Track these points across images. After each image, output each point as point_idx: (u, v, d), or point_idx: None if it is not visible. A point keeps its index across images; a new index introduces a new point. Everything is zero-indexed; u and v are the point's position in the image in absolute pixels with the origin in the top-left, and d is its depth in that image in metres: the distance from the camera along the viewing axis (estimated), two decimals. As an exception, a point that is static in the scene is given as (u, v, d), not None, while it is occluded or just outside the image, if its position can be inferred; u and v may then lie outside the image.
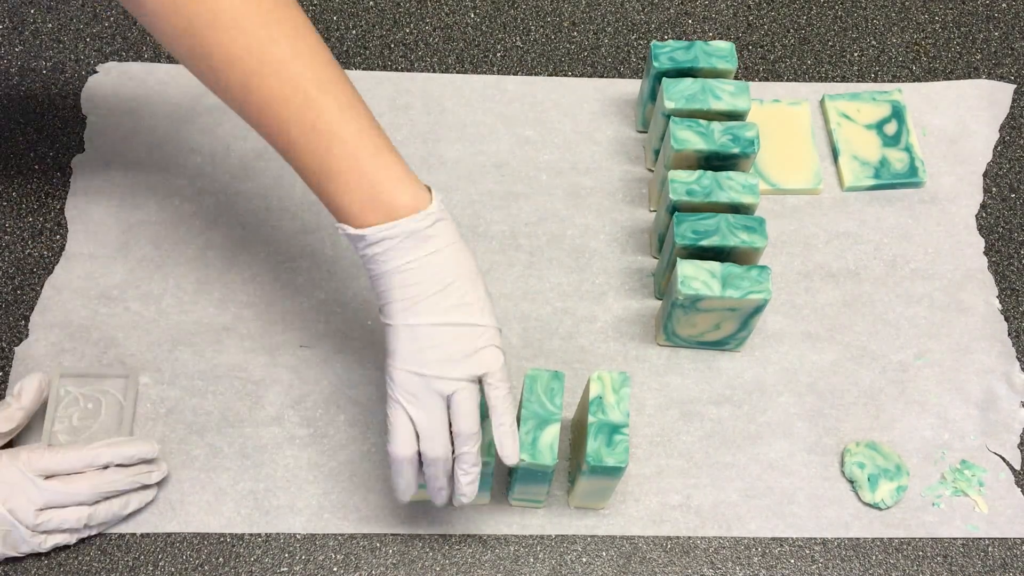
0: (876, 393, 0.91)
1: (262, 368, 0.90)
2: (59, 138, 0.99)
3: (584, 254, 0.96)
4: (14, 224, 0.95)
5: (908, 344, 0.94)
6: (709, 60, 0.94)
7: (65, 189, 0.96)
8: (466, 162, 1.00)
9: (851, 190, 1.00)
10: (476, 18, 1.09)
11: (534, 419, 0.77)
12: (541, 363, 0.91)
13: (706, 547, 0.85)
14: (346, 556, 0.83)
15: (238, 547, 0.83)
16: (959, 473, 0.88)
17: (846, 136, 1.02)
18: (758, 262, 0.89)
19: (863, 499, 0.87)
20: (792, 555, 0.85)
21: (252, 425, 0.87)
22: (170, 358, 0.90)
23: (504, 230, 0.97)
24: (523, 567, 0.84)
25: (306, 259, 0.95)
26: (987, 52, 1.09)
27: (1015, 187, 1.02)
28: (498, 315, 0.92)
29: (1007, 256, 0.98)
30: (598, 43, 1.08)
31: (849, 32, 1.10)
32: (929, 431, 0.90)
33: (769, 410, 0.90)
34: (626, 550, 0.85)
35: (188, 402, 0.88)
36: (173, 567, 0.82)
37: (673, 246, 0.87)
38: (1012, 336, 0.94)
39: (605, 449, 0.77)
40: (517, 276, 0.95)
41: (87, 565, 0.82)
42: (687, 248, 0.86)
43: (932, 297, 0.96)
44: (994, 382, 0.92)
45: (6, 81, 1.02)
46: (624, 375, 0.79)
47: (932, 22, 1.11)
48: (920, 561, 0.85)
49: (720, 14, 1.10)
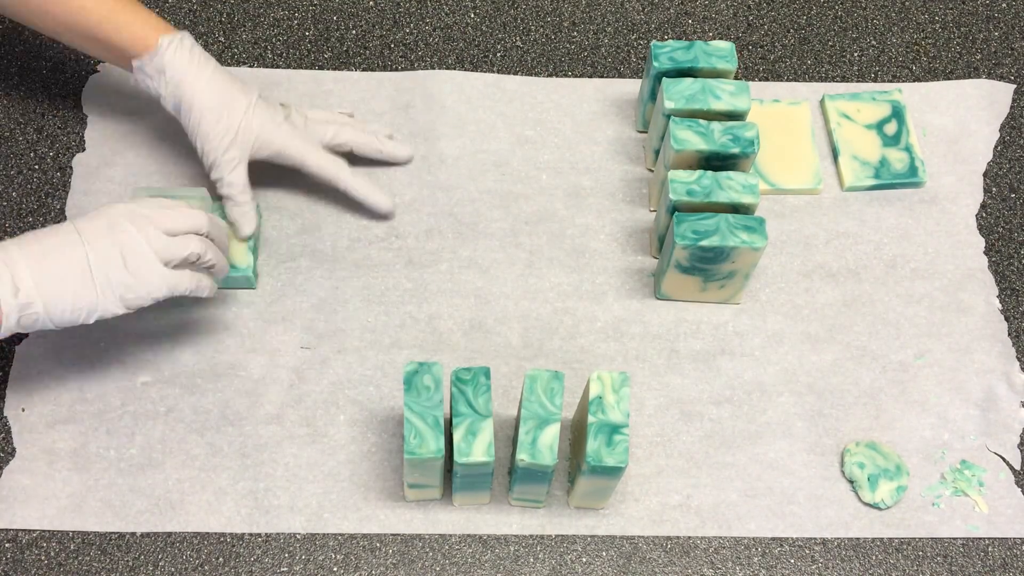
0: (876, 393, 0.91)
1: (262, 367, 0.90)
2: (59, 138, 0.99)
3: (584, 254, 0.96)
4: (14, 224, 0.95)
5: (908, 344, 0.94)
6: (709, 60, 0.94)
7: (65, 189, 0.96)
8: (466, 161, 1.00)
9: (851, 190, 1.00)
10: (476, 18, 1.09)
11: (534, 419, 0.77)
12: (541, 363, 0.91)
13: (706, 547, 0.85)
14: (346, 556, 0.83)
15: (238, 547, 0.83)
16: (959, 473, 0.88)
17: (846, 136, 1.02)
18: (757, 262, 0.89)
19: (863, 499, 0.87)
20: (792, 555, 0.85)
21: (252, 424, 0.87)
22: (170, 357, 0.90)
23: (504, 229, 0.97)
24: (523, 567, 0.84)
25: (306, 259, 0.95)
26: (987, 52, 1.09)
27: (1015, 187, 1.02)
28: (499, 315, 0.93)
29: (1007, 256, 0.98)
30: (598, 43, 1.08)
31: (849, 32, 1.10)
32: (929, 431, 0.90)
33: (769, 410, 0.90)
34: (626, 550, 0.85)
35: (188, 401, 0.88)
36: (173, 567, 0.82)
37: (673, 246, 0.87)
38: (1012, 336, 0.94)
39: (605, 449, 0.77)
40: (517, 276, 0.95)
41: (87, 565, 0.82)
42: (687, 248, 0.86)
43: (932, 297, 0.96)
44: (994, 382, 0.92)
45: (6, 81, 1.02)
46: (624, 375, 0.79)
47: (932, 22, 1.11)
48: (920, 561, 0.85)
49: (720, 14, 1.10)
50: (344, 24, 1.07)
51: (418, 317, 0.92)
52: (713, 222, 0.87)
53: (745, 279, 0.91)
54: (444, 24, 1.08)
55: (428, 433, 0.77)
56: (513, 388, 0.90)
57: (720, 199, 0.88)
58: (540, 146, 1.01)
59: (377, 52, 1.06)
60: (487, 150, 1.01)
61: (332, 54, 1.05)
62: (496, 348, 0.92)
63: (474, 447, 0.76)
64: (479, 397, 0.78)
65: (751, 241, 0.86)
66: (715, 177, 0.88)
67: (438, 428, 0.77)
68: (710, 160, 0.91)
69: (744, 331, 0.93)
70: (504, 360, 0.91)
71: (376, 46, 1.06)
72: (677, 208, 0.88)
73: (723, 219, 0.87)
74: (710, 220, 0.87)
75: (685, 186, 0.88)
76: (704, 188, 0.88)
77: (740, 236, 0.86)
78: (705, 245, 0.86)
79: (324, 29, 1.07)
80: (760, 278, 0.96)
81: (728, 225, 0.86)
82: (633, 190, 1.00)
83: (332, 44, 1.06)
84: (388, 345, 0.91)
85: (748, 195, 0.88)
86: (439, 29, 1.08)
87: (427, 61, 1.06)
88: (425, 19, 1.08)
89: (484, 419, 0.77)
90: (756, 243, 0.86)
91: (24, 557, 0.82)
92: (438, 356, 0.91)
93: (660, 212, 0.92)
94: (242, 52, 1.05)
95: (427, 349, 0.91)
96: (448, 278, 0.94)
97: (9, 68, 1.02)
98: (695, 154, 0.90)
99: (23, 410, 0.87)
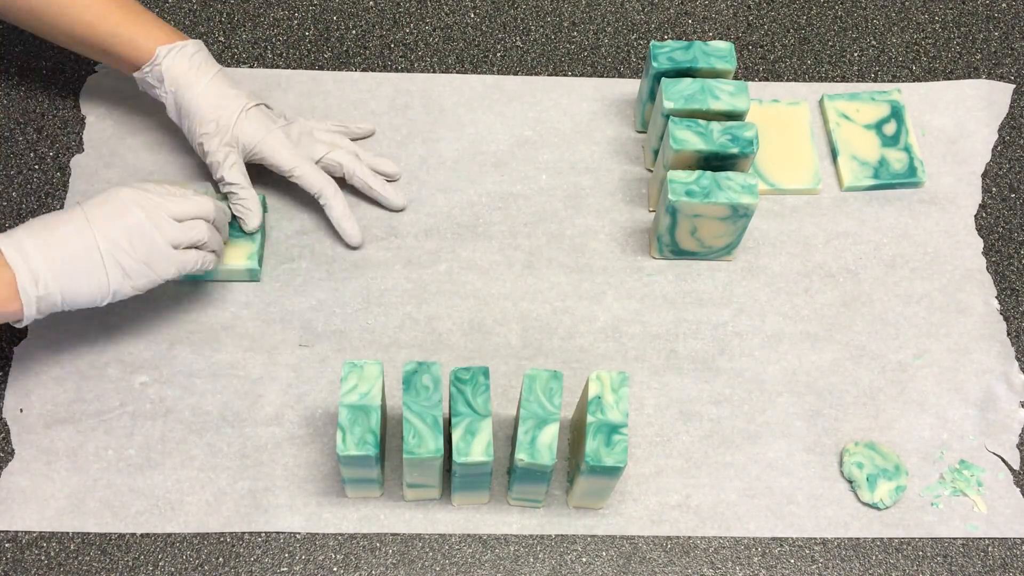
0: (875, 393, 0.91)
1: (261, 367, 0.90)
2: (59, 138, 0.99)
3: (583, 254, 0.96)
4: (14, 224, 0.95)
5: (907, 344, 0.94)
6: (708, 60, 0.94)
7: (65, 189, 0.96)
8: (465, 162, 1.00)
9: (850, 190, 1.00)
10: (476, 18, 1.09)
11: (533, 419, 0.77)
12: (540, 363, 0.91)
13: (706, 547, 0.85)
14: (346, 556, 0.84)
15: (238, 547, 0.83)
16: (958, 473, 0.88)
17: (845, 136, 1.02)
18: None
19: (862, 499, 0.87)
20: (792, 555, 0.85)
21: (251, 424, 0.87)
22: (168, 357, 0.90)
23: (503, 230, 0.97)
24: (523, 567, 0.84)
25: (305, 259, 0.95)
26: (987, 52, 1.09)
27: (1014, 187, 1.02)
28: (498, 315, 0.93)
29: (1006, 256, 0.98)
30: (598, 43, 1.08)
31: (849, 32, 1.10)
32: (928, 431, 0.90)
33: (768, 410, 0.90)
34: (626, 550, 0.85)
35: (187, 401, 0.88)
36: (173, 567, 0.82)
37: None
38: (1011, 336, 0.94)
39: (604, 449, 0.77)
40: (516, 276, 0.95)
41: (87, 565, 0.82)
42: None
43: (931, 297, 0.96)
44: (993, 382, 0.92)
45: (6, 81, 1.02)
46: (623, 375, 0.79)
47: (932, 22, 1.11)
48: (920, 561, 0.85)
49: (720, 14, 1.10)
50: (344, 24, 1.07)
51: (417, 317, 0.93)
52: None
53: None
54: (444, 24, 1.08)
55: (427, 433, 0.77)
56: (512, 388, 0.90)
57: (719, 200, 0.88)
58: (539, 146, 1.01)
59: (377, 52, 1.06)
60: (486, 151, 1.01)
61: (332, 54, 1.05)
62: (495, 348, 0.92)
63: (473, 447, 0.76)
64: (478, 397, 0.78)
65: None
66: (714, 177, 0.89)
67: (437, 428, 0.77)
68: (709, 160, 0.91)
69: (743, 331, 0.93)
70: (503, 360, 0.91)
71: (376, 46, 1.06)
72: (676, 209, 0.89)
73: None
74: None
75: (684, 186, 0.88)
76: (703, 188, 0.88)
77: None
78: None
79: (324, 29, 1.07)
80: (759, 277, 0.96)
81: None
82: (632, 190, 1.00)
83: (332, 44, 1.06)
84: (387, 345, 0.91)
85: (747, 195, 0.88)
86: (439, 29, 1.08)
87: (427, 61, 1.06)
88: (425, 19, 1.08)
89: (483, 419, 0.77)
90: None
91: (24, 557, 0.82)
92: (437, 356, 0.91)
93: (659, 212, 0.92)
94: (242, 52, 1.05)
95: (426, 349, 0.91)
96: (447, 278, 0.94)
97: (9, 68, 1.03)
98: (694, 154, 0.90)
99: (21, 411, 0.87)
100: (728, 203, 0.88)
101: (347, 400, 0.77)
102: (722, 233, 0.92)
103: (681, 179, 0.89)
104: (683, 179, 0.89)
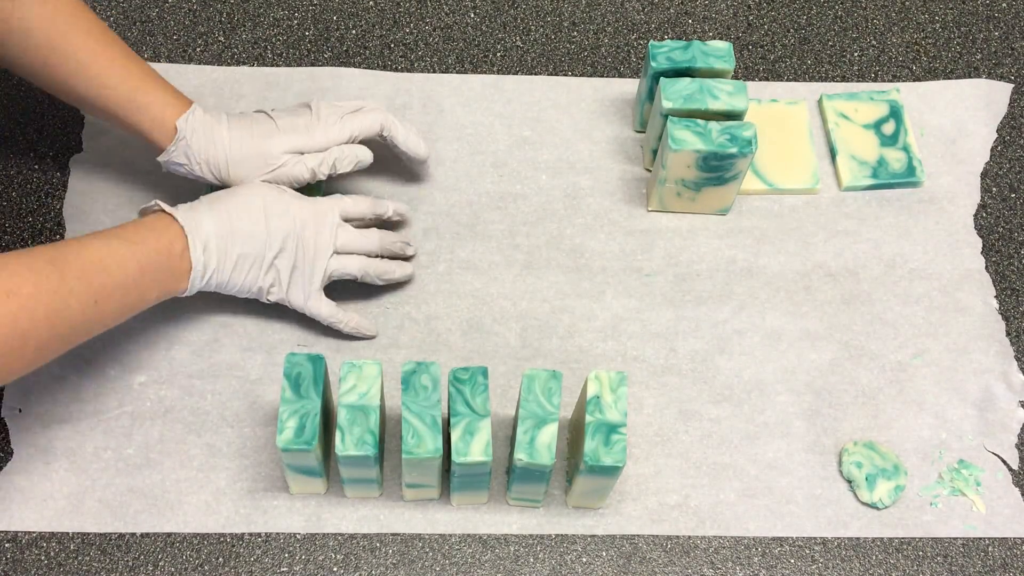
0: (874, 393, 0.91)
1: (260, 367, 0.90)
2: (58, 138, 0.99)
3: (582, 254, 0.96)
4: (14, 224, 0.95)
5: (906, 344, 0.94)
6: (707, 60, 0.94)
7: (65, 189, 0.96)
8: (464, 162, 1.00)
9: (849, 190, 1.00)
10: (476, 18, 1.09)
11: (532, 418, 0.77)
12: (539, 363, 0.91)
13: (706, 547, 0.85)
14: (346, 556, 0.84)
15: (238, 547, 0.84)
16: (957, 473, 0.88)
17: (844, 136, 1.02)
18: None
19: (861, 499, 0.87)
20: (792, 555, 0.85)
21: (250, 425, 0.87)
22: (167, 357, 0.90)
23: (502, 230, 0.97)
24: (523, 567, 0.84)
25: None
26: (987, 52, 1.09)
27: (1014, 187, 1.02)
28: (497, 315, 0.93)
29: (1005, 256, 0.98)
30: (598, 43, 1.08)
31: (849, 32, 1.10)
32: (927, 431, 0.90)
33: (767, 410, 0.90)
34: (626, 550, 0.85)
35: (186, 401, 0.88)
36: (173, 567, 0.83)
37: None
38: (1010, 336, 0.94)
39: (603, 448, 0.77)
40: (515, 276, 0.95)
41: (87, 565, 0.82)
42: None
43: (930, 297, 0.96)
44: (992, 382, 0.92)
45: (6, 81, 1.02)
46: (622, 374, 0.79)
47: (932, 22, 1.11)
48: (920, 561, 0.85)
49: (720, 14, 1.10)
50: (344, 24, 1.07)
51: (416, 318, 0.93)
52: None
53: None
54: (444, 24, 1.08)
55: (426, 433, 0.77)
56: (511, 388, 0.90)
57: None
58: (538, 146, 1.01)
59: (377, 52, 1.06)
60: (485, 151, 1.01)
61: (332, 54, 1.05)
62: (494, 348, 0.92)
63: (472, 447, 0.76)
64: (477, 397, 0.78)
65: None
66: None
67: (436, 428, 0.77)
68: (708, 160, 0.91)
69: (742, 330, 0.93)
70: (502, 360, 0.91)
71: (376, 46, 1.06)
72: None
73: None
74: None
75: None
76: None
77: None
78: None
79: (324, 29, 1.07)
80: (759, 277, 0.96)
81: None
82: (631, 190, 1.00)
83: (332, 44, 1.06)
84: (386, 345, 0.91)
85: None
86: (439, 29, 1.08)
87: (427, 61, 1.06)
88: (425, 19, 1.08)
89: (482, 419, 0.77)
90: None
91: (24, 557, 0.82)
92: (436, 356, 0.91)
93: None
94: (242, 52, 1.05)
95: (425, 349, 0.91)
96: (446, 278, 0.94)
97: (9, 69, 1.03)
98: (693, 154, 0.90)
99: (19, 410, 0.87)
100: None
101: (346, 400, 0.78)
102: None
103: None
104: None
